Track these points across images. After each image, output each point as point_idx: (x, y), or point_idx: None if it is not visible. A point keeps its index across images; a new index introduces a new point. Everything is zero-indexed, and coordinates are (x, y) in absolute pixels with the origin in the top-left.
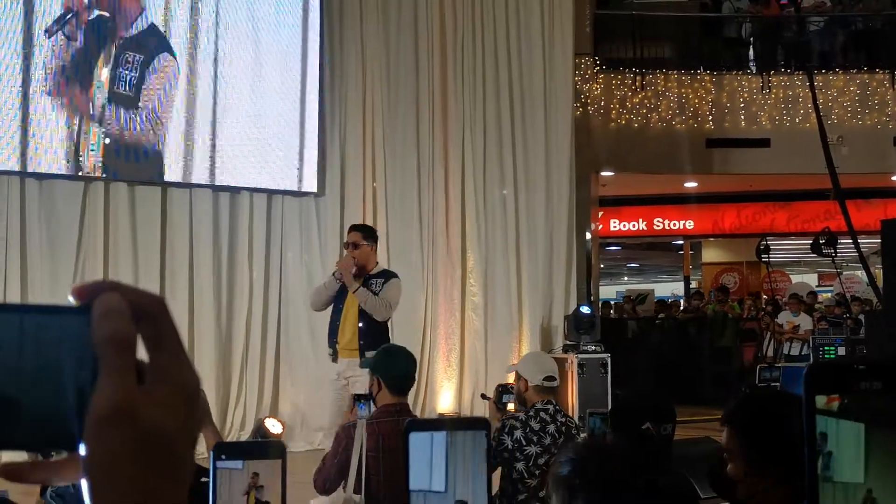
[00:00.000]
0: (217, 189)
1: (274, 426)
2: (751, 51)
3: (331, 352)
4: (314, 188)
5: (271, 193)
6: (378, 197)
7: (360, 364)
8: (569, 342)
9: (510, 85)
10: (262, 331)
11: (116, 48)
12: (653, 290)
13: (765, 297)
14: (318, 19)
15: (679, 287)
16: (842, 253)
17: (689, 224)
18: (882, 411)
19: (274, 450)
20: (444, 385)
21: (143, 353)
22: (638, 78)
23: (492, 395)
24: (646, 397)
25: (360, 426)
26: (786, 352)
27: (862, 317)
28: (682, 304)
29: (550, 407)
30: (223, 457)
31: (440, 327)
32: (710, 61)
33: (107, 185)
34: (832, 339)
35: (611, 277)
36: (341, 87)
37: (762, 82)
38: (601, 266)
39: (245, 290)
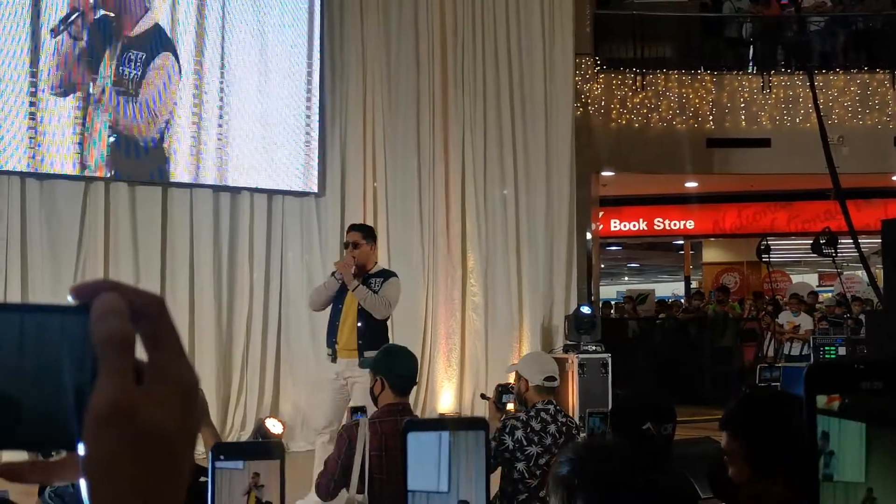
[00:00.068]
0: (218, 189)
1: (274, 426)
2: (751, 51)
3: (329, 352)
4: (315, 188)
5: (272, 193)
6: (378, 197)
7: (360, 364)
8: (569, 342)
9: (510, 85)
10: (263, 331)
11: (121, 47)
12: (653, 290)
13: (765, 296)
14: (319, 19)
15: (679, 287)
16: (842, 253)
17: (690, 224)
18: (883, 411)
19: (274, 450)
20: (445, 385)
21: (142, 353)
22: (638, 78)
23: (491, 395)
24: (646, 397)
25: (362, 426)
26: (786, 352)
27: (862, 317)
28: (682, 304)
29: (551, 407)
30: (222, 457)
31: (440, 327)
32: (711, 61)
33: (107, 185)
34: (833, 339)
35: (611, 277)
36: (342, 87)
37: (763, 82)
38: (602, 266)
39: (246, 290)
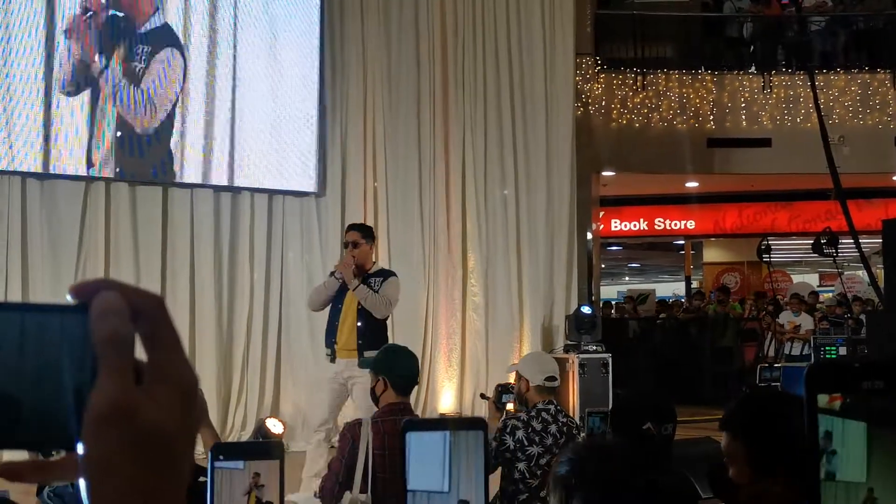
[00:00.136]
0: (218, 189)
1: (275, 426)
2: (751, 50)
3: (328, 352)
4: (315, 188)
5: (272, 193)
6: (379, 197)
7: (360, 363)
8: (570, 342)
9: (511, 85)
10: (263, 331)
11: (129, 44)
12: (654, 290)
13: (768, 296)
14: (319, 19)
15: (680, 287)
16: (843, 253)
17: (691, 224)
18: (884, 411)
19: (273, 450)
20: (445, 385)
21: (141, 353)
22: (639, 78)
23: (491, 395)
24: (646, 397)
25: (365, 425)
26: (787, 352)
27: (863, 317)
28: (683, 304)
29: (552, 407)
30: (221, 457)
31: (441, 327)
32: (712, 61)
33: (108, 185)
34: (833, 339)
35: (612, 277)
36: (342, 87)
37: (763, 82)
38: (602, 266)
39: (246, 290)
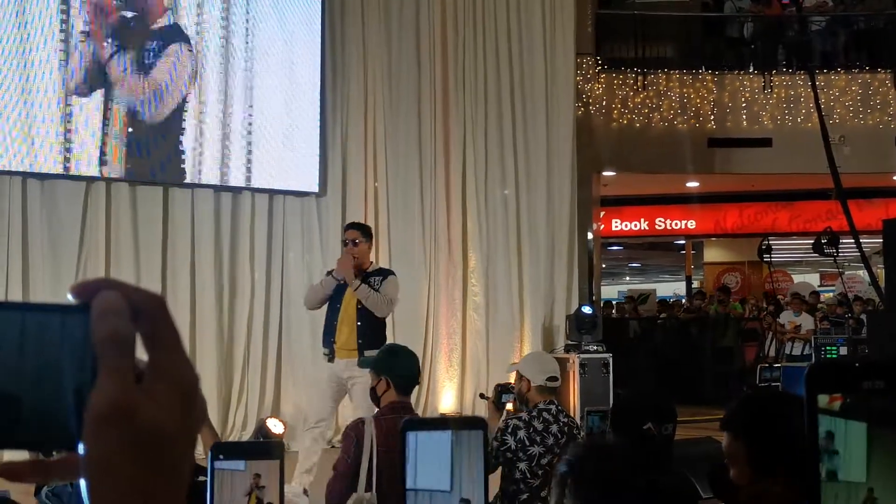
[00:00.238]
0: (218, 189)
1: (276, 426)
2: (752, 50)
3: (326, 351)
4: (315, 188)
5: (273, 193)
6: (379, 196)
7: (359, 363)
8: (570, 342)
9: (511, 84)
10: (264, 331)
11: (141, 42)
12: (654, 290)
13: (765, 295)
14: (320, 19)
15: (681, 287)
16: (844, 253)
17: (691, 224)
18: (884, 411)
19: (273, 450)
20: (446, 385)
21: (142, 352)
22: (640, 78)
23: (490, 395)
24: (647, 397)
25: (368, 424)
26: (788, 351)
27: (864, 316)
28: (683, 304)
29: (553, 407)
30: (221, 457)
31: (441, 327)
32: (712, 61)
33: (108, 185)
34: (834, 339)
35: (612, 277)
36: (342, 87)
37: (764, 82)
38: (603, 266)
39: (247, 290)
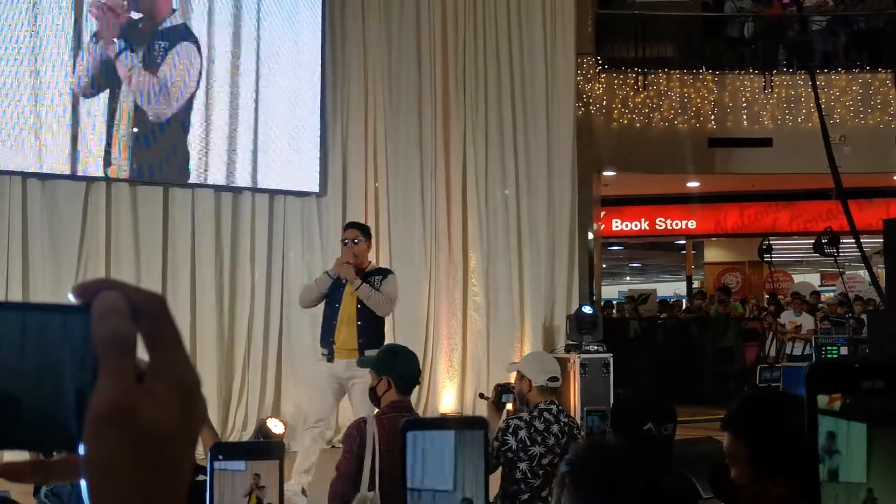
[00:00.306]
0: (219, 189)
1: (276, 426)
2: (752, 50)
3: (325, 352)
4: (316, 188)
5: (273, 193)
6: (380, 196)
7: (358, 363)
8: (571, 342)
9: (512, 84)
10: (265, 331)
11: (149, 42)
12: (655, 290)
13: (766, 296)
14: (321, 19)
15: (681, 287)
16: (844, 252)
17: (692, 224)
18: (884, 411)
19: (273, 450)
20: (447, 385)
21: (143, 352)
22: (640, 78)
23: (490, 395)
24: (647, 397)
25: (370, 423)
26: (788, 351)
27: (864, 316)
28: (684, 304)
29: (553, 407)
30: (220, 457)
31: (442, 327)
32: (713, 61)
33: (109, 185)
34: (835, 339)
35: (613, 277)
36: (343, 87)
37: (764, 82)
38: (603, 266)
39: (247, 290)
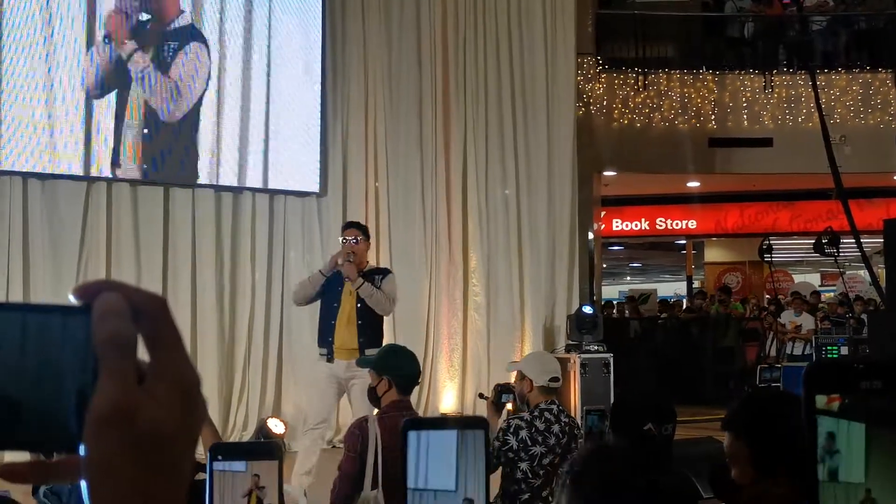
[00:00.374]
0: (219, 189)
1: (276, 426)
2: (753, 50)
3: (324, 352)
4: (316, 188)
5: (273, 193)
6: (380, 196)
7: (358, 362)
8: (571, 342)
9: (512, 84)
10: (265, 331)
11: (158, 43)
12: (655, 290)
13: (767, 296)
14: (321, 19)
15: (682, 287)
16: (844, 252)
17: (692, 224)
18: (882, 411)
19: (273, 450)
20: (447, 385)
21: (143, 353)
22: (640, 78)
23: (489, 395)
24: (647, 397)
25: (372, 422)
26: (788, 351)
27: (865, 316)
28: (684, 304)
29: (554, 407)
30: (220, 457)
31: (442, 327)
32: (713, 61)
33: (109, 185)
34: (835, 339)
35: (613, 277)
36: (343, 87)
37: (765, 82)
38: (604, 266)
39: (248, 290)
